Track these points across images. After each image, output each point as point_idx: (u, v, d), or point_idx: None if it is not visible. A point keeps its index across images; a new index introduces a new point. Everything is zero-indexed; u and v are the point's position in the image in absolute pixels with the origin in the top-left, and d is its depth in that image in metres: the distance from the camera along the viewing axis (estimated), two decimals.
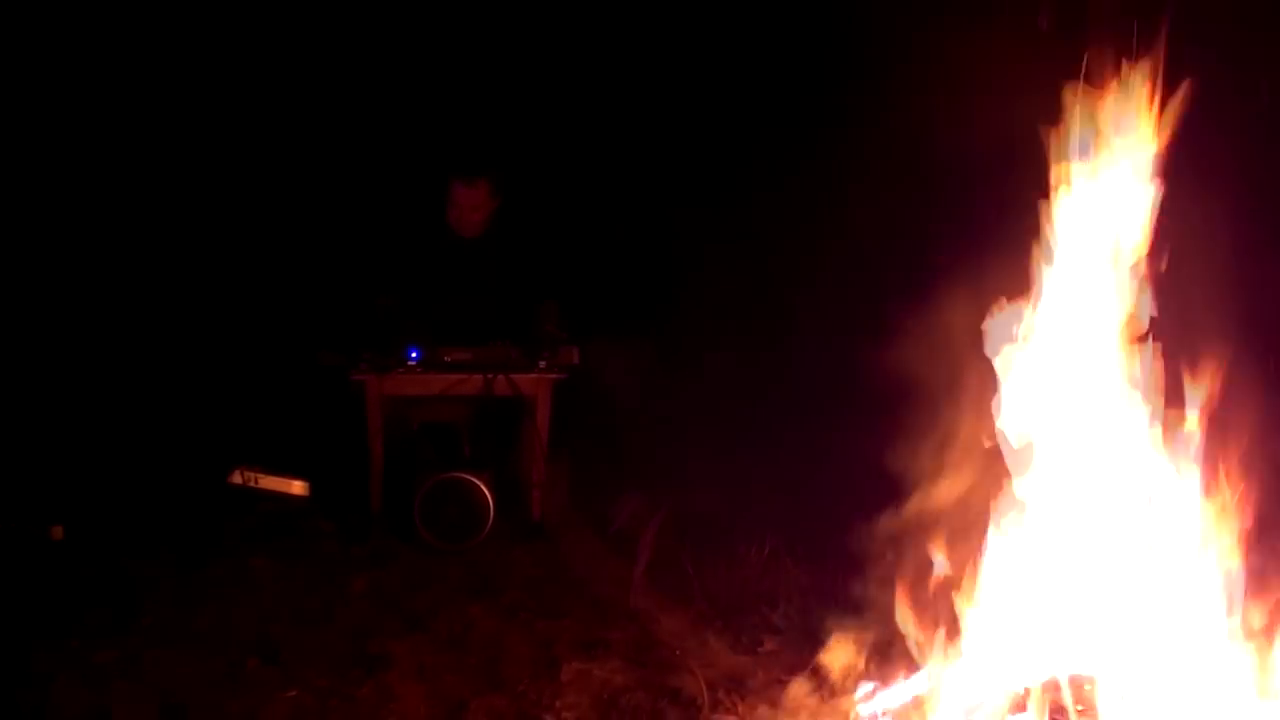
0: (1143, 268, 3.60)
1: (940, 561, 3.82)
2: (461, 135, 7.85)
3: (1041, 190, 3.64)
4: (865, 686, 3.88)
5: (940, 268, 3.93)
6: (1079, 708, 3.45)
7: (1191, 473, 3.57)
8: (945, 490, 3.95)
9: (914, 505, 4.07)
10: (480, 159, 6.44)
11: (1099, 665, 3.50)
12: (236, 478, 6.13)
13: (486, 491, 5.83)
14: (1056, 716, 3.47)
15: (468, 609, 5.08)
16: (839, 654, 4.15)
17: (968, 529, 3.75)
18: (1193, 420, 3.56)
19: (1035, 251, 3.65)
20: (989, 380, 3.69)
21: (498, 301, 6.33)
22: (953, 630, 3.70)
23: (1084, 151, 3.60)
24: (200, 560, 5.53)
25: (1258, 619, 3.55)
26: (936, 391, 3.95)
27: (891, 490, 4.21)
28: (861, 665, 4.07)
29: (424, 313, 6.22)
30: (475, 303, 6.33)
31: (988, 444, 3.68)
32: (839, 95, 6.90)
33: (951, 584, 3.74)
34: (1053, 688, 3.50)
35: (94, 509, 6.04)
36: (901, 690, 3.76)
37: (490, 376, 6.07)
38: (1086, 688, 3.47)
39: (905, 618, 3.86)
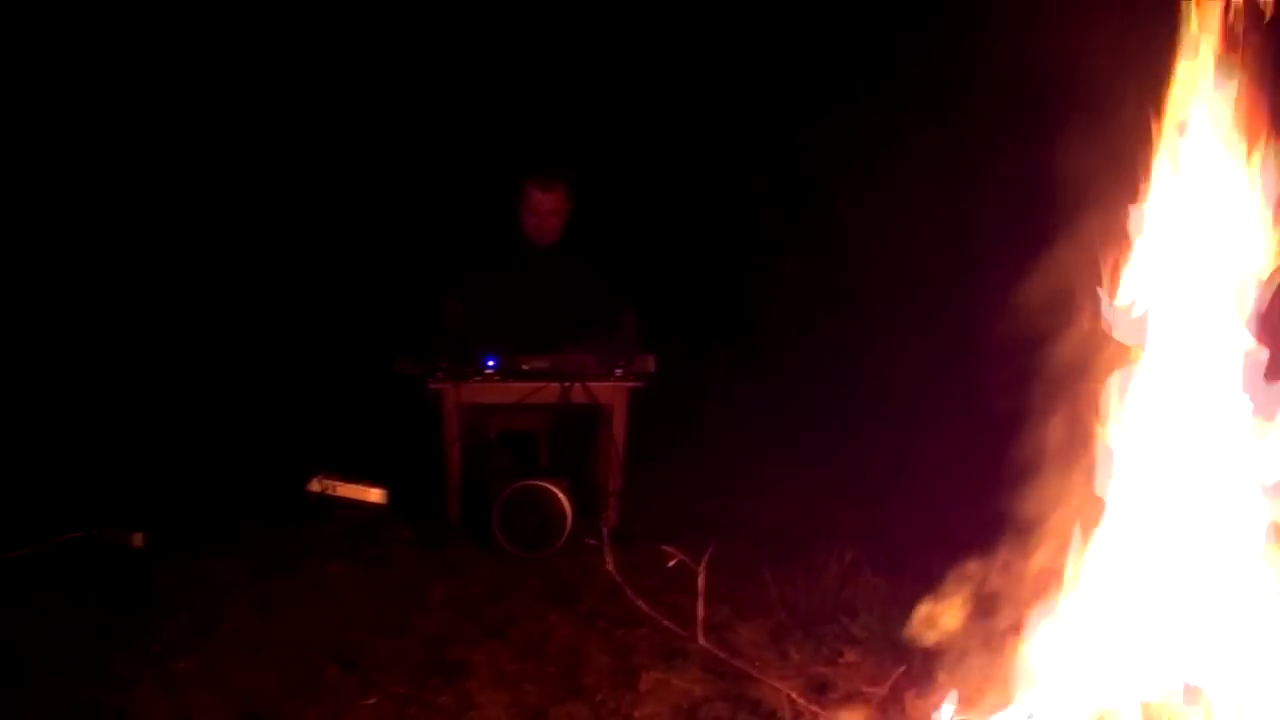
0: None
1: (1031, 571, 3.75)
2: (535, 138, 7.87)
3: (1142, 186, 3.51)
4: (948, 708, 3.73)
5: (1029, 272, 3.83)
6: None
7: None
8: (1033, 498, 3.82)
9: (999, 513, 3.94)
10: (556, 162, 6.42)
11: (1205, 676, 3.38)
12: (315, 486, 6.18)
13: (564, 499, 5.79)
14: None
15: (546, 617, 5.06)
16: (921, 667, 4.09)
17: (1058, 538, 3.65)
18: None
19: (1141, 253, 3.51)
20: (1082, 386, 3.58)
21: (574, 309, 6.30)
22: (1045, 643, 3.60)
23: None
24: (279, 567, 5.52)
25: None
26: (1023, 398, 3.89)
27: (975, 499, 4.17)
28: (943, 678, 3.98)
29: (500, 320, 6.20)
30: (551, 310, 6.30)
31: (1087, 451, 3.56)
32: (921, 91, 6.85)
33: (1043, 595, 3.65)
34: (1155, 699, 3.39)
35: (174, 516, 6.03)
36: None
37: (567, 385, 6.04)
38: (1192, 699, 3.37)
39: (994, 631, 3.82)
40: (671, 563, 4.30)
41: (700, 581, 4.24)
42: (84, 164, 8.00)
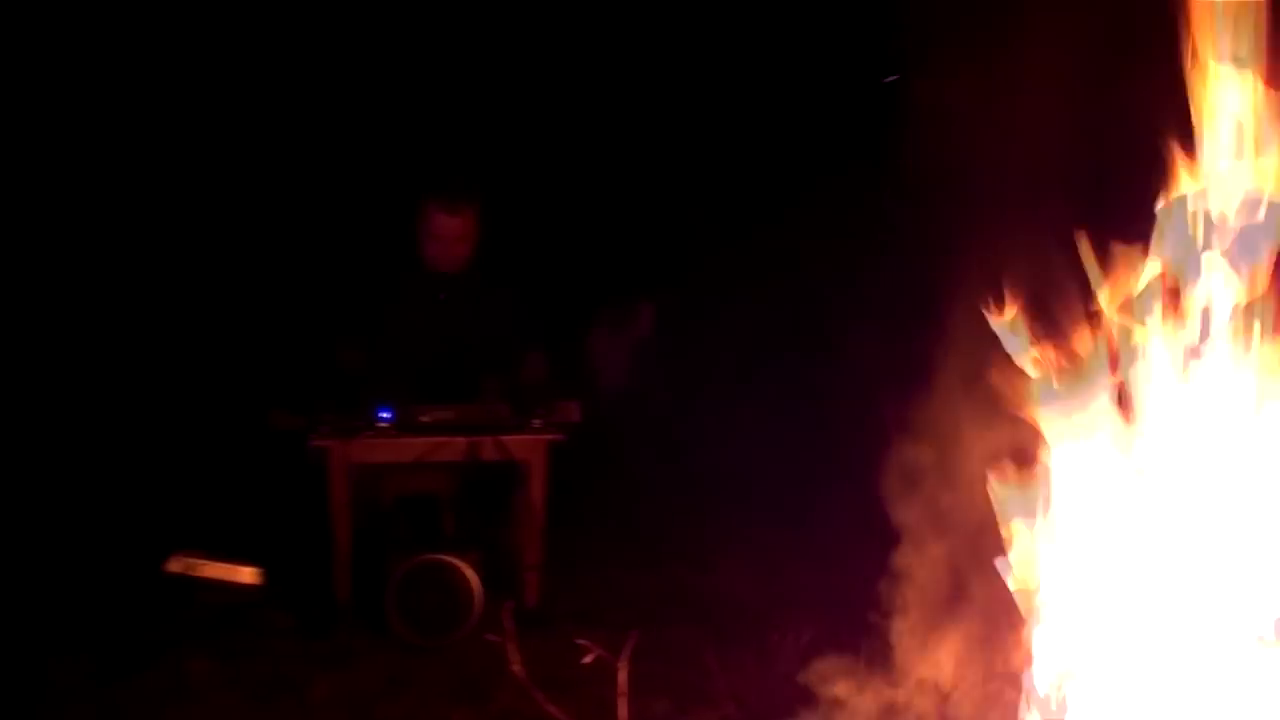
0: None
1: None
2: (439, 154, 7.84)
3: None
4: None
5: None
6: None
7: None
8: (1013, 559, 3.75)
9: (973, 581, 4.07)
10: (462, 182, 6.34)
11: None
12: (174, 565, 6.00)
13: (472, 576, 5.71)
14: None
15: (450, 717, 5.00)
16: None
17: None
18: None
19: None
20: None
21: (482, 348, 6.22)
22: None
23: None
24: (131, 666, 5.36)
25: None
26: (995, 443, 3.86)
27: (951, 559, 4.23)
28: None
29: (396, 364, 6.12)
30: (456, 351, 6.22)
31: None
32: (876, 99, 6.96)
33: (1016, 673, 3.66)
34: None
35: (6, 604, 5.90)
36: None
37: (476, 439, 5.94)
38: None
39: None
40: (588, 658, 4.17)
41: (621, 678, 4.11)
42: None
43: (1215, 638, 3.39)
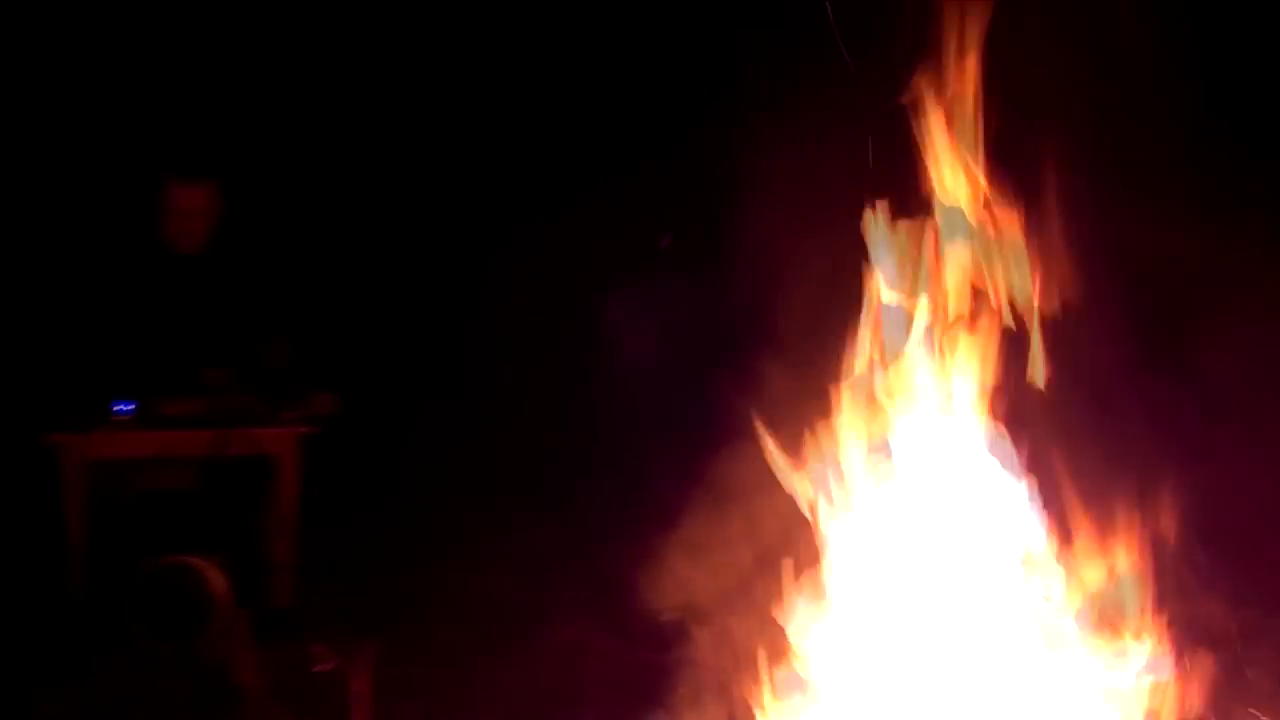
0: None
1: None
2: (176, 123, 7.30)
3: None
4: None
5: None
6: None
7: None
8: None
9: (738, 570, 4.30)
10: (202, 154, 6.19)
11: None
12: None
13: (217, 578, 5.27)
14: None
15: None
16: None
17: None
18: None
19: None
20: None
21: (223, 332, 6.04)
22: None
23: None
24: None
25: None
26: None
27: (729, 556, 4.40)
28: None
29: (135, 351, 5.90)
30: (197, 336, 6.01)
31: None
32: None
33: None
34: None
35: None
36: None
37: (223, 432, 5.77)
38: None
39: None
40: (323, 666, 4.23)
41: (356, 686, 4.16)
42: None
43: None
